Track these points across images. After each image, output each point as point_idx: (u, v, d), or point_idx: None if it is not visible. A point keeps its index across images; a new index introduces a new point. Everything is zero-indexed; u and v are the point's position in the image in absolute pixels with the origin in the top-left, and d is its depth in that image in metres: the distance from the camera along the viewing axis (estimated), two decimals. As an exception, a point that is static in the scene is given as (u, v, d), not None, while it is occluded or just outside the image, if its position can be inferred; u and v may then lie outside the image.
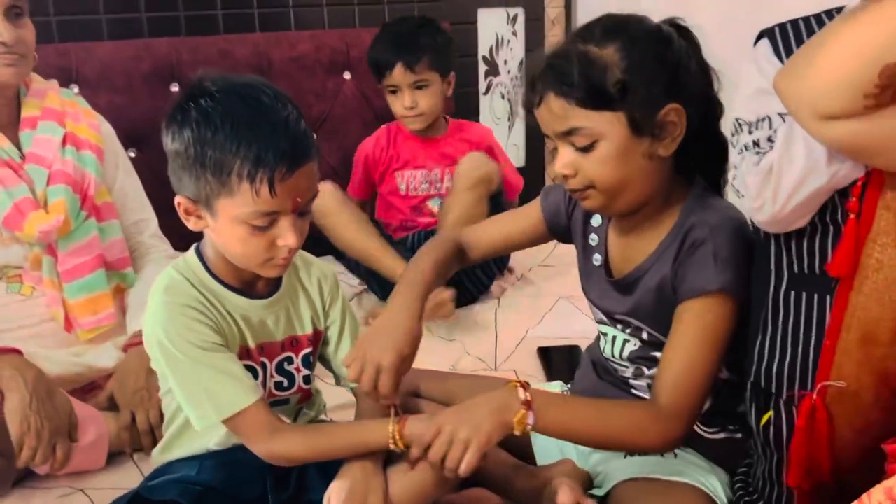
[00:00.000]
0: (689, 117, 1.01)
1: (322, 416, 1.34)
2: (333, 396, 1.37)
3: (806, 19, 0.94)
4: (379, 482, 1.10)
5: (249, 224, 1.02)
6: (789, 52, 0.91)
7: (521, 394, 1.00)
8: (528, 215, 1.27)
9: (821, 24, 0.91)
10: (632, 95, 0.98)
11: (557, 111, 1.01)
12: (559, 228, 1.25)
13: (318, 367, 1.27)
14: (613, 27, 1.02)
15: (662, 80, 1.00)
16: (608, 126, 1.00)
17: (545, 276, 2.29)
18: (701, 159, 1.10)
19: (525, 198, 2.77)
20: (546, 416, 1.00)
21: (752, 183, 0.90)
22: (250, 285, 1.15)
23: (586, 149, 1.01)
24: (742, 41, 1.04)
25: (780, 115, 0.91)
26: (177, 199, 1.07)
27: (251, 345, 1.14)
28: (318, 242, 1.75)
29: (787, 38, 0.93)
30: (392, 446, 1.08)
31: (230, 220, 1.03)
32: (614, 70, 0.98)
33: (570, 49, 1.01)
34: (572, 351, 1.74)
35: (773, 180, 0.87)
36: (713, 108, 1.09)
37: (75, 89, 2.11)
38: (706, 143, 1.09)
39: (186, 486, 1.11)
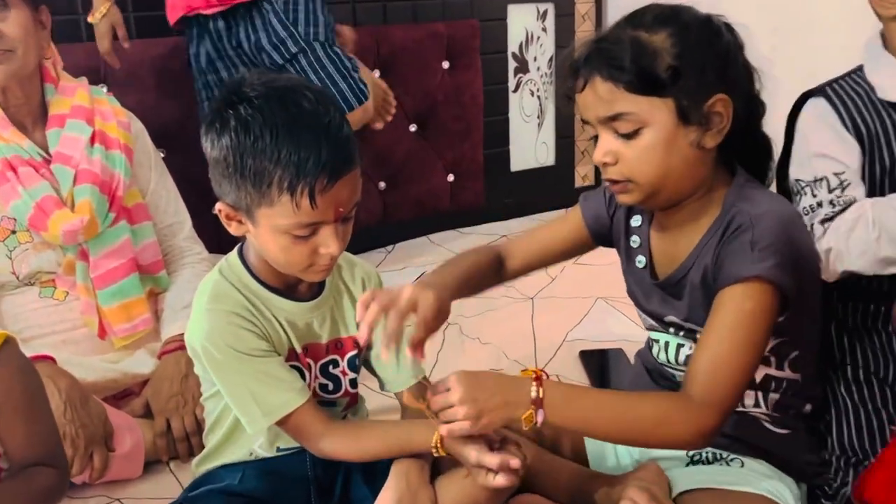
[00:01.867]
0: (737, 109, 0.99)
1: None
2: (375, 401, 1.33)
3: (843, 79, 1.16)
4: (427, 494, 1.05)
5: (291, 234, 0.98)
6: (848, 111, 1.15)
7: (533, 390, 0.94)
8: (569, 222, 1.23)
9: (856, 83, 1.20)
10: (682, 82, 0.96)
11: (604, 95, 0.98)
12: (602, 233, 1.20)
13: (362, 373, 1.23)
14: (665, 14, 1.00)
15: (713, 70, 0.97)
16: (655, 112, 0.97)
17: (580, 275, 2.23)
18: (745, 156, 1.07)
19: (555, 198, 2.77)
20: (559, 412, 0.95)
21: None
22: (294, 288, 1.11)
23: (629, 136, 0.98)
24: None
25: (836, 174, 1.02)
26: (217, 206, 1.03)
27: (297, 347, 1.10)
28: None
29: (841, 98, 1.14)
30: (434, 452, 1.03)
31: (271, 230, 0.99)
32: (665, 56, 0.96)
33: (621, 33, 0.99)
34: (616, 354, 1.69)
35: None
36: (756, 106, 1.05)
37: (104, 89, 2.09)
38: (750, 140, 1.06)
39: (229, 497, 1.07)
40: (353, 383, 1.18)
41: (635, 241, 1.15)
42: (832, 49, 1.68)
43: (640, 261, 1.14)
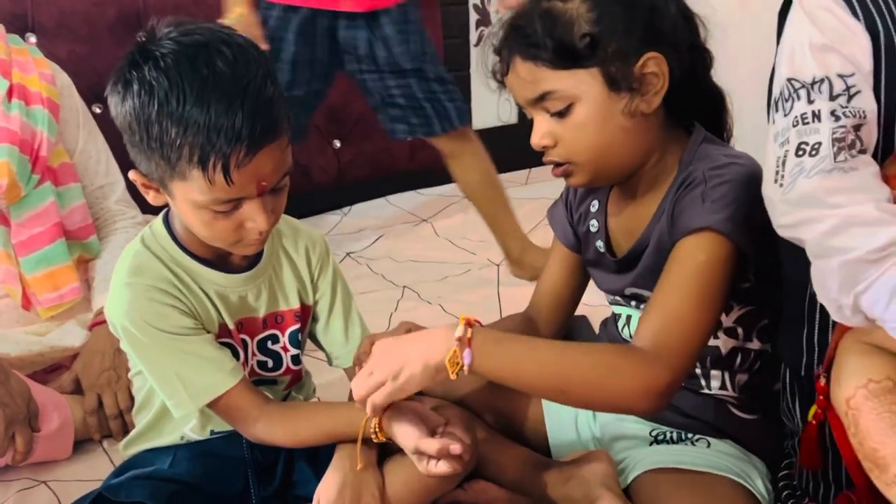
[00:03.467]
0: (672, 67, 0.92)
1: (313, 400, 1.21)
2: (326, 375, 1.24)
3: None
4: (374, 478, 0.98)
5: (210, 209, 0.88)
6: None
7: (459, 329, 0.85)
8: (554, 254, 1.17)
9: None
10: (603, 48, 0.90)
11: (526, 76, 0.92)
12: (575, 239, 1.14)
13: (309, 344, 1.14)
14: None
15: (636, 28, 0.91)
16: (582, 86, 0.91)
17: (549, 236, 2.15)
18: (698, 112, 1.01)
19: (518, 158, 2.66)
20: (490, 355, 0.85)
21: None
22: (225, 258, 1.01)
23: (562, 114, 0.93)
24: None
25: (841, 76, 0.79)
26: (131, 174, 0.92)
27: (229, 323, 1.01)
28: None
29: None
30: (374, 437, 0.95)
31: (188, 204, 0.89)
32: (581, 23, 0.90)
33: (532, 7, 0.93)
34: (579, 323, 1.61)
35: None
36: (701, 57, 0.98)
37: (32, 39, 1.94)
38: (698, 94, 0.99)
39: (157, 483, 0.99)
40: (296, 360, 1.09)
41: (593, 225, 1.08)
42: None
43: (600, 245, 1.07)
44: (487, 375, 0.87)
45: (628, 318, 1.07)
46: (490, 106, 2.71)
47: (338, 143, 2.40)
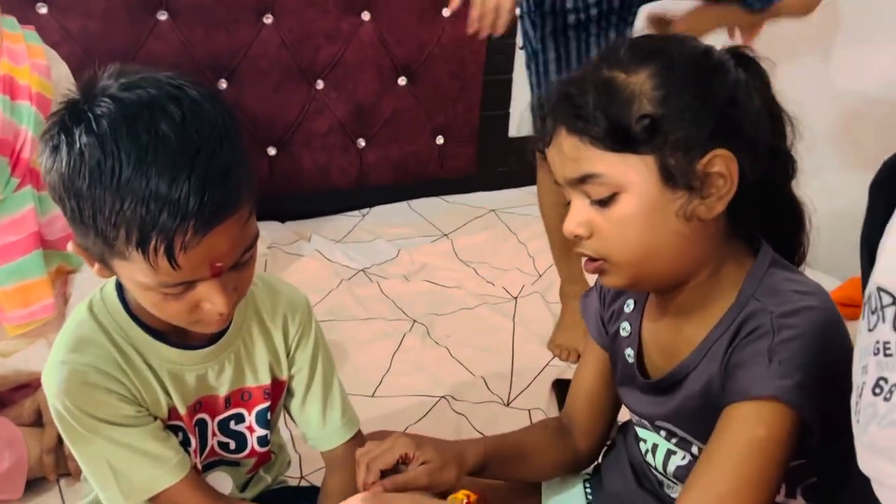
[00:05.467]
0: (744, 170, 0.76)
1: (284, 477, 1.09)
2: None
3: None
4: None
5: (159, 292, 0.74)
6: None
7: None
8: (590, 352, 1.01)
9: None
10: (664, 135, 0.75)
11: (569, 152, 0.78)
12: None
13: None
14: (647, 48, 0.79)
15: (708, 119, 0.75)
16: (632, 174, 0.76)
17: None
18: (769, 227, 0.84)
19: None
20: None
21: None
22: (184, 332, 0.87)
23: (604, 202, 0.78)
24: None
25: None
26: (69, 245, 0.78)
27: (181, 407, 0.88)
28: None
29: None
30: None
31: (134, 284, 0.76)
32: (643, 101, 0.75)
33: (590, 75, 0.79)
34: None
35: None
36: (783, 164, 0.82)
37: (43, 9, 1.81)
38: (772, 206, 0.84)
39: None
40: (263, 441, 0.96)
41: (625, 329, 0.92)
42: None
43: (630, 354, 0.91)
44: None
45: (654, 446, 0.91)
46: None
47: (362, 143, 2.25)
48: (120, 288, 0.86)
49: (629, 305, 0.93)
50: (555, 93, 0.80)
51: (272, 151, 2.16)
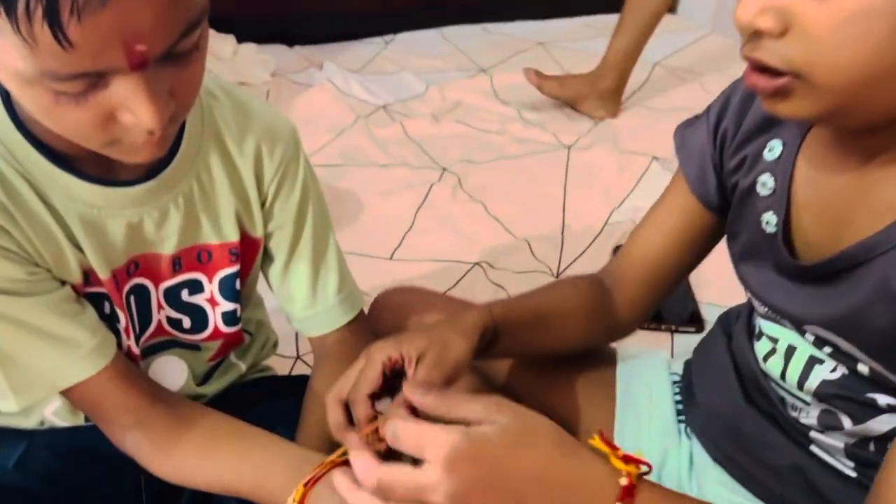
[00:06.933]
0: None
1: (267, 364, 0.83)
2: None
3: None
4: None
5: (47, 88, 0.45)
6: None
7: (624, 480, 0.46)
8: (673, 199, 0.73)
9: None
10: None
11: None
12: (715, 195, 0.68)
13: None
14: None
15: None
16: None
17: (630, 126, 1.65)
18: None
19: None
20: None
21: None
22: (105, 161, 0.58)
23: None
24: None
25: None
26: None
27: (101, 271, 0.60)
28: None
29: None
30: None
31: (11, 77, 0.46)
32: None
33: None
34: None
35: None
36: None
37: None
38: None
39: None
40: (231, 318, 0.69)
41: (764, 183, 0.61)
42: None
43: (770, 221, 0.60)
44: None
45: (788, 349, 0.62)
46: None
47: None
48: (6, 98, 0.56)
49: (773, 150, 0.61)
50: None
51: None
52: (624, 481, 0.47)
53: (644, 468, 0.48)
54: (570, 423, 0.79)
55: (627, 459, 0.48)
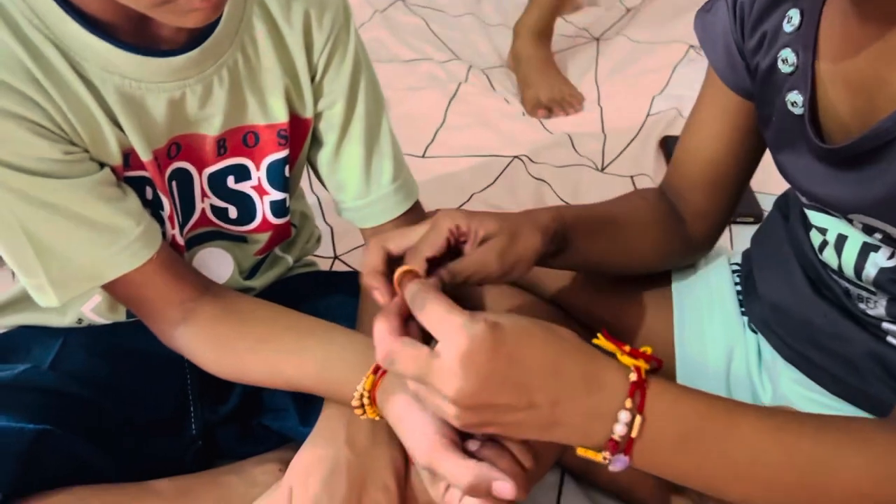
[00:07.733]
0: None
1: (311, 258, 0.78)
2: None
3: None
4: (388, 458, 0.56)
5: None
6: None
7: (628, 405, 0.44)
8: (710, 97, 0.66)
9: None
10: None
11: None
12: (746, 79, 0.62)
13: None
14: None
15: None
16: None
17: (664, 8, 1.55)
18: None
19: None
20: (666, 448, 0.45)
21: None
22: (145, 28, 0.52)
23: None
24: None
25: None
26: None
27: (143, 151, 0.55)
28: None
29: None
30: (358, 409, 0.53)
31: None
32: None
33: None
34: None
35: None
36: None
37: None
38: None
39: (22, 395, 0.58)
40: (280, 209, 0.64)
41: (787, 60, 0.55)
42: None
43: (796, 100, 0.54)
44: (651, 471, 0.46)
45: (840, 238, 0.57)
46: None
47: None
48: None
49: (791, 21, 0.55)
50: None
51: None
52: (633, 377, 0.44)
53: (654, 364, 0.46)
54: (627, 334, 0.74)
55: (635, 354, 0.46)
